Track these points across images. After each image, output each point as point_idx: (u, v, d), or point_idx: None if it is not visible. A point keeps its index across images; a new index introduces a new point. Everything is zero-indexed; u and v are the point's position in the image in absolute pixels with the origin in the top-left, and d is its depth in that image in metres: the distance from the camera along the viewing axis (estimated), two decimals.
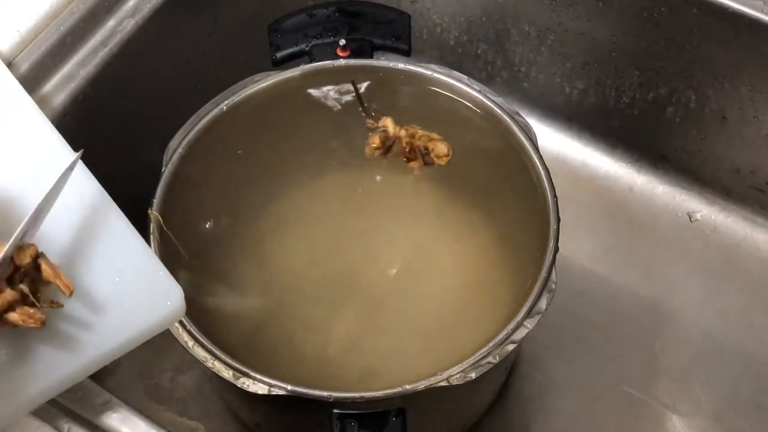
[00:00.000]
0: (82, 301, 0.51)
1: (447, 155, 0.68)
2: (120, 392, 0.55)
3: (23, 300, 0.49)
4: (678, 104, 0.81)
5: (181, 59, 0.77)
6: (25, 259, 0.49)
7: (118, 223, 0.55)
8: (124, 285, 0.52)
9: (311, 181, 0.73)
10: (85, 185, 0.56)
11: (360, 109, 0.70)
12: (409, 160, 0.70)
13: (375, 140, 0.69)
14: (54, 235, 0.53)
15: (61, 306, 0.50)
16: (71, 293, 0.50)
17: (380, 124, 0.69)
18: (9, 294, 0.48)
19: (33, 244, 0.50)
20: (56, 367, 0.49)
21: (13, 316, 0.48)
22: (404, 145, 0.69)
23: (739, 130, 0.79)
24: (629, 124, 0.85)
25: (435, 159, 0.68)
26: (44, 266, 0.50)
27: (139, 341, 0.51)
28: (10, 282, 0.49)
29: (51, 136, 0.58)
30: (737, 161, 0.82)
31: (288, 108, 0.70)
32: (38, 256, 0.50)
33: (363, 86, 0.70)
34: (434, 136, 0.68)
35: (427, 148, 0.68)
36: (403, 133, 0.69)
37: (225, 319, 0.66)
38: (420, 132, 0.69)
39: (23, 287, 0.49)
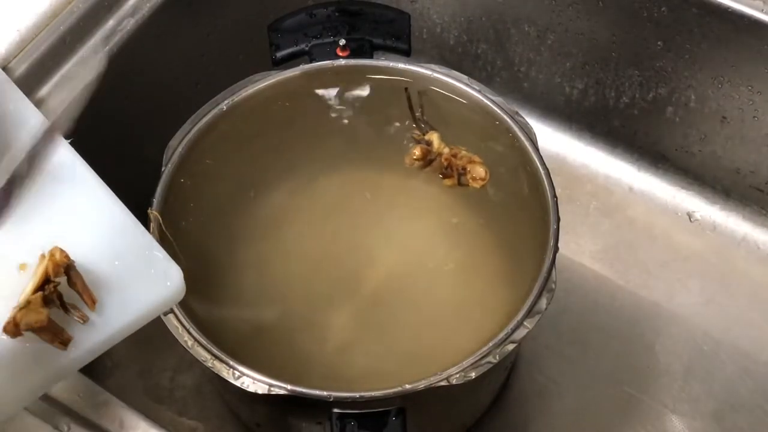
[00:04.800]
0: None
1: (483, 179, 0.68)
2: (120, 392, 0.55)
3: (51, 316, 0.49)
4: (678, 104, 0.81)
5: (181, 59, 0.77)
6: (60, 273, 0.49)
7: (113, 208, 0.55)
8: (123, 267, 0.52)
9: (310, 181, 0.73)
10: (78, 171, 0.56)
11: (411, 119, 0.70)
12: (444, 176, 0.70)
13: (416, 152, 0.69)
14: (50, 221, 0.53)
15: (87, 320, 0.50)
16: (94, 306, 0.50)
17: (427, 137, 0.70)
18: (45, 313, 0.48)
19: (66, 256, 0.50)
20: (57, 354, 0.49)
21: (43, 334, 0.49)
22: (443, 161, 0.69)
23: (739, 130, 0.79)
24: (629, 124, 0.85)
25: (470, 181, 0.69)
26: (74, 278, 0.50)
27: (141, 323, 0.51)
28: (39, 292, 0.49)
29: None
30: (737, 161, 0.82)
31: (287, 108, 0.70)
32: (69, 267, 0.50)
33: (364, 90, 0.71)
34: (475, 158, 0.68)
35: (465, 169, 0.69)
36: (446, 150, 0.69)
37: (225, 319, 0.66)
38: (463, 152, 0.69)
39: (56, 305, 0.49)
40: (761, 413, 0.75)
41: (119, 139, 0.72)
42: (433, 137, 0.69)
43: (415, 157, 0.70)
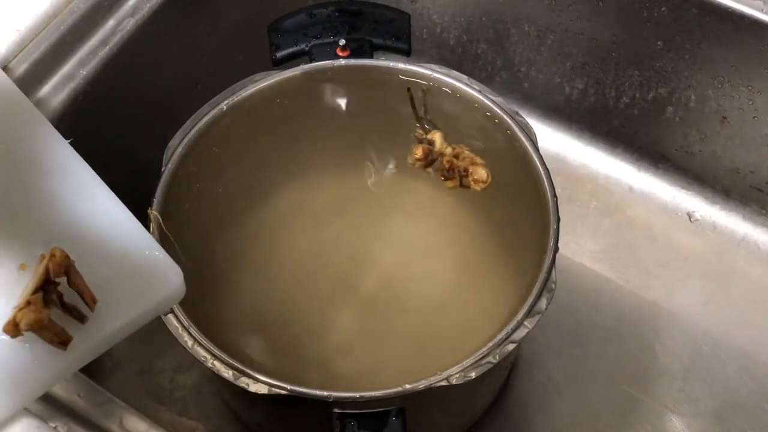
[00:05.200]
0: None
1: (485, 182, 0.68)
2: (120, 392, 0.55)
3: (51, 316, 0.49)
4: (678, 104, 0.81)
5: (181, 59, 0.77)
6: (60, 273, 0.49)
7: (113, 207, 0.55)
8: (123, 267, 0.52)
9: (310, 182, 0.73)
10: (78, 172, 0.56)
11: (414, 119, 0.70)
12: (446, 178, 0.70)
13: (418, 151, 0.69)
14: (50, 221, 0.53)
15: (87, 320, 0.50)
16: (94, 306, 0.50)
17: (429, 137, 0.69)
18: (45, 313, 0.48)
19: (66, 256, 0.50)
20: (56, 354, 0.49)
21: (43, 334, 0.48)
22: (445, 162, 0.69)
23: (739, 130, 0.79)
24: (629, 124, 0.85)
25: (472, 183, 0.69)
26: (74, 278, 0.50)
27: (141, 323, 0.52)
28: (39, 292, 0.49)
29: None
30: (737, 161, 0.82)
31: (288, 108, 0.70)
32: (69, 267, 0.50)
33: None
34: (477, 160, 0.68)
35: (466, 170, 0.68)
36: (449, 150, 0.69)
37: (225, 319, 0.66)
38: (466, 153, 0.69)
39: (56, 305, 0.49)
40: (761, 413, 0.75)
41: (119, 139, 0.72)
42: (436, 137, 0.69)
43: (416, 156, 0.70)
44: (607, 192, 0.87)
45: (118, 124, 0.72)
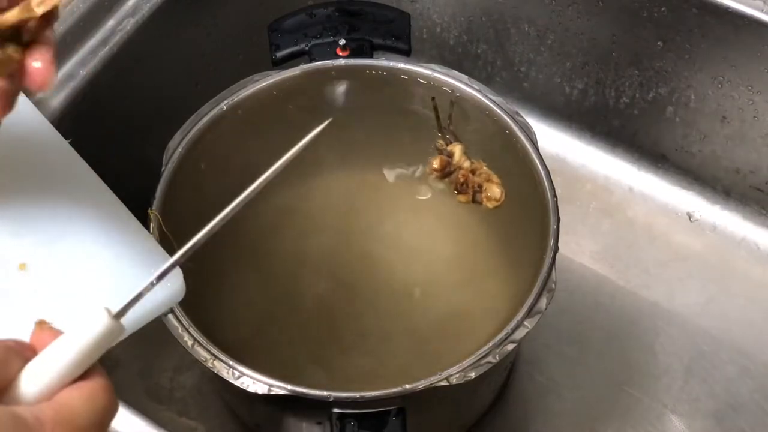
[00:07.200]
0: (81, 286, 0.51)
1: (498, 200, 0.68)
2: (120, 392, 0.55)
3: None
4: (678, 104, 0.81)
5: (181, 59, 0.77)
6: None
7: (113, 208, 0.55)
8: (123, 267, 0.52)
9: (311, 181, 0.73)
10: (78, 171, 0.56)
11: (436, 128, 0.70)
12: (459, 192, 0.70)
13: (436, 162, 0.69)
14: (50, 221, 0.53)
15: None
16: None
17: (449, 148, 0.69)
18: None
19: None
20: None
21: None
22: (460, 176, 0.69)
23: (739, 130, 0.79)
24: (629, 124, 0.85)
25: (484, 199, 0.69)
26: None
27: (141, 324, 0.52)
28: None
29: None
30: (737, 161, 0.82)
31: (287, 108, 0.70)
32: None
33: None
34: (494, 178, 0.68)
35: (480, 187, 0.68)
36: (466, 164, 0.69)
37: (225, 319, 0.66)
38: (483, 169, 0.69)
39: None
40: (761, 413, 0.75)
41: (119, 139, 0.72)
42: (456, 149, 0.69)
43: (434, 167, 0.70)
44: (607, 192, 0.87)
45: (118, 124, 0.72)
